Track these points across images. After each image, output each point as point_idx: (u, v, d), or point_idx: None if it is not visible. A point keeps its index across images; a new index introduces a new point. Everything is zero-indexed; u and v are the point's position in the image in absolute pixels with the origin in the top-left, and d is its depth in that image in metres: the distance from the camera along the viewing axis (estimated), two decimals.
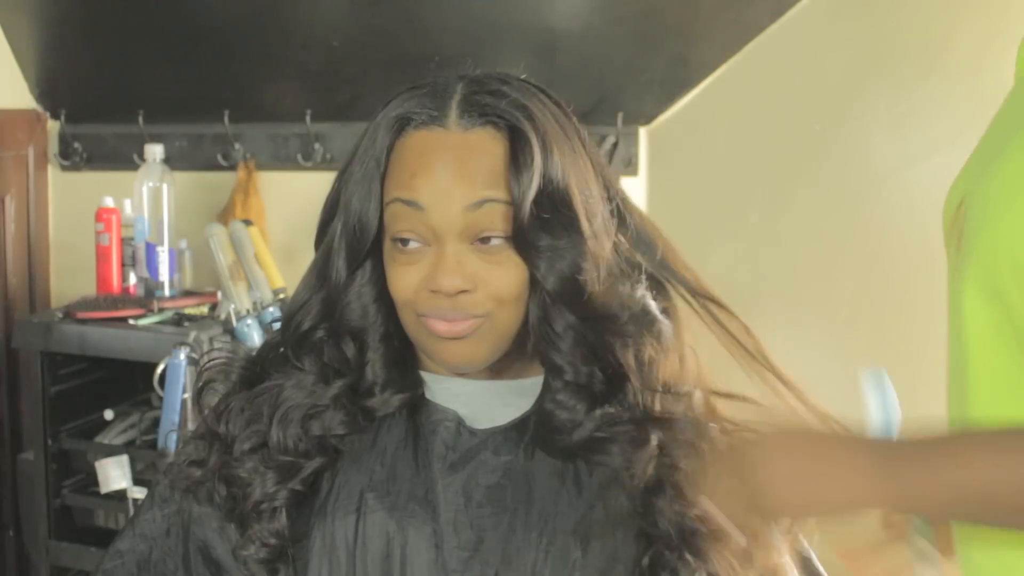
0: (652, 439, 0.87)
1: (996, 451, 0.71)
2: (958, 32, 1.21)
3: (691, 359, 0.91)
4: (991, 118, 0.86)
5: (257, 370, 0.95)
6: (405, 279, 0.85)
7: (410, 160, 0.85)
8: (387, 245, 0.87)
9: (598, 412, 0.87)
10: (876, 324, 1.38)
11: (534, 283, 0.86)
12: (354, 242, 0.88)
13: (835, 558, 0.80)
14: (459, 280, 0.83)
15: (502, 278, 0.85)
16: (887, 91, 1.43)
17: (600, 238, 0.86)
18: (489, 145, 0.85)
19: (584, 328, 0.86)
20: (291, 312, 0.93)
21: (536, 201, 0.83)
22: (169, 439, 1.07)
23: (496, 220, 0.83)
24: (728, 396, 0.91)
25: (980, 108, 1.17)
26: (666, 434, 0.87)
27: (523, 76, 0.90)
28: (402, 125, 0.86)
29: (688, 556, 0.85)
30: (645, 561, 0.86)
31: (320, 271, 0.91)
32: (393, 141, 0.86)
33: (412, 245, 0.85)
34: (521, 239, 0.84)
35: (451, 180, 0.83)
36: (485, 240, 0.84)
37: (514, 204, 0.83)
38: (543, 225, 0.83)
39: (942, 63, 1.24)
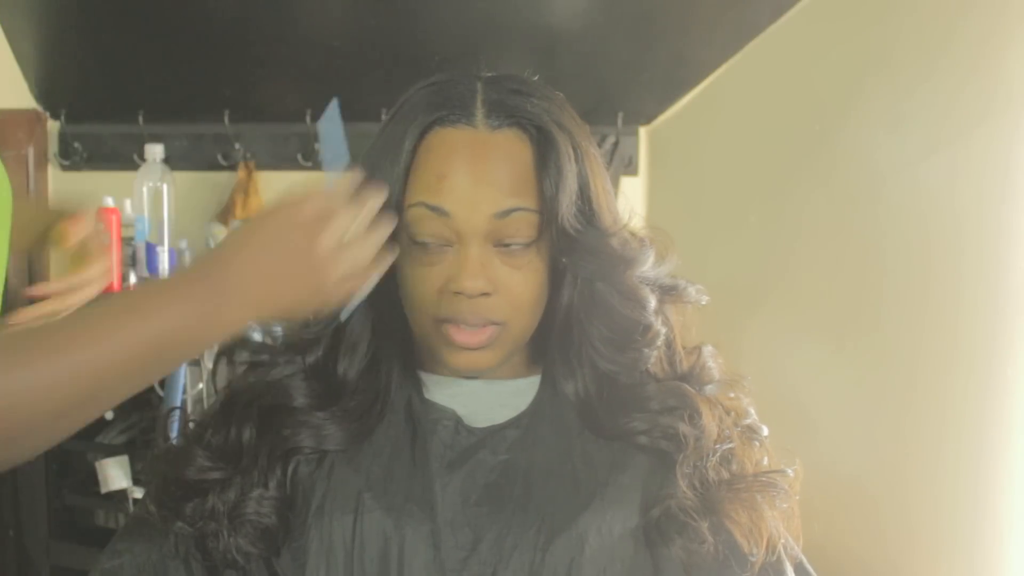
0: (707, 410, 0.89)
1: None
2: (958, 32, 1.21)
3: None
4: (990, 117, 0.86)
5: (254, 372, 0.94)
6: (426, 282, 0.85)
7: (436, 161, 0.84)
8: (403, 243, 0.86)
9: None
10: (875, 324, 1.38)
11: (556, 287, 0.88)
12: None
13: None
14: (482, 283, 0.83)
15: (522, 283, 0.85)
16: (887, 91, 1.43)
17: (621, 229, 0.89)
18: (516, 147, 0.85)
19: (620, 308, 0.88)
20: None
21: (567, 204, 0.84)
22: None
23: (522, 227, 0.84)
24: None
25: (980, 108, 1.17)
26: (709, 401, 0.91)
27: (536, 78, 0.90)
28: (428, 121, 0.85)
29: (700, 517, 0.85)
30: (655, 512, 0.85)
31: None
32: (419, 138, 0.85)
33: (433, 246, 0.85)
34: (552, 242, 0.85)
35: (479, 186, 0.83)
36: (508, 244, 0.84)
37: (544, 209, 0.84)
38: (574, 226, 0.85)
39: (942, 63, 1.24)
